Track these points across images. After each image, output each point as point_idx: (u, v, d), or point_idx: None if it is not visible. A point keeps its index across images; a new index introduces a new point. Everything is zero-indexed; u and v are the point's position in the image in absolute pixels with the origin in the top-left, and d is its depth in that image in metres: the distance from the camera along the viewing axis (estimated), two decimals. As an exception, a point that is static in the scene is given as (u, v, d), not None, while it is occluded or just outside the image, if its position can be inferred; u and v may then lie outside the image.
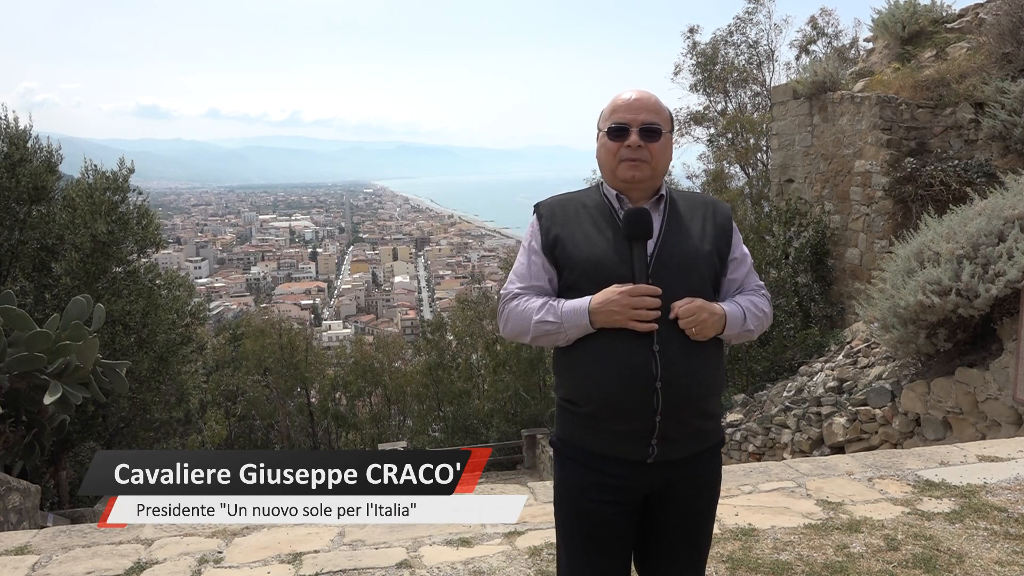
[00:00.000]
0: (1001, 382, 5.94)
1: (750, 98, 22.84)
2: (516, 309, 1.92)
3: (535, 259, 1.95)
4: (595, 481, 1.86)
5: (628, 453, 1.83)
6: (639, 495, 1.88)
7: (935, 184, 9.51)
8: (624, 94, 1.94)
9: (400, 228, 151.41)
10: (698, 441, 1.89)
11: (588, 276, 1.85)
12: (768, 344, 12.32)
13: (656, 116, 1.91)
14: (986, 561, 3.09)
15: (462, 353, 25.64)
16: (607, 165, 1.94)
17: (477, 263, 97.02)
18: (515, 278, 1.97)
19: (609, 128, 1.91)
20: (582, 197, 2.00)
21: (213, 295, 78.47)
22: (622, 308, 1.77)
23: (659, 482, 1.86)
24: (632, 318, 1.77)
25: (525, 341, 1.93)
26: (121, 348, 10.85)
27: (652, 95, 1.95)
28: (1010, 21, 9.69)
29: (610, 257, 1.84)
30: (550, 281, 1.94)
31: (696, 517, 1.94)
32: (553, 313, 1.85)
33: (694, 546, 1.96)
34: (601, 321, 1.80)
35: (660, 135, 1.90)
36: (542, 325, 1.86)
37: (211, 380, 21.15)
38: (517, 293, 1.94)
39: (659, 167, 1.92)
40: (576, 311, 1.82)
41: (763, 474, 4.21)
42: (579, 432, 1.88)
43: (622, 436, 1.82)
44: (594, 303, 1.80)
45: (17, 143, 10.64)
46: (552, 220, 1.95)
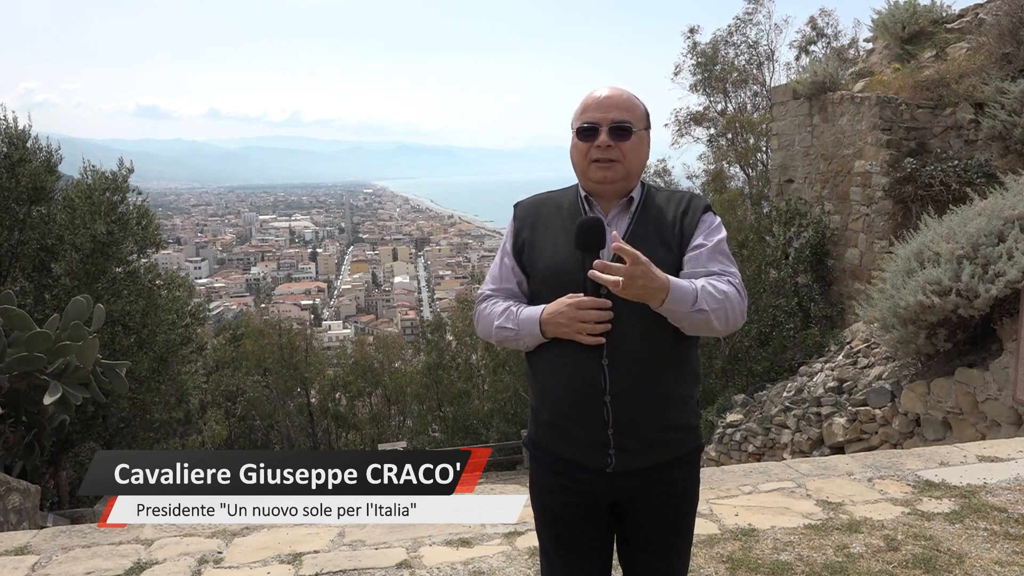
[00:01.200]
0: (1001, 382, 5.94)
1: (750, 98, 22.86)
2: (483, 311, 1.93)
3: (507, 261, 1.94)
4: (561, 484, 1.86)
5: (588, 461, 1.82)
6: (604, 501, 1.86)
7: (935, 184, 9.51)
8: (595, 92, 1.88)
9: (400, 228, 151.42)
10: (662, 451, 1.83)
11: (548, 284, 1.83)
12: (768, 344, 12.33)
13: (627, 114, 1.84)
14: (986, 561, 3.08)
15: (462, 353, 25.66)
16: (578, 166, 1.89)
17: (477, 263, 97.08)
18: (489, 279, 1.98)
19: (579, 128, 1.86)
20: (560, 197, 1.96)
21: (213, 295, 78.49)
22: (568, 320, 1.74)
23: (623, 490, 1.84)
24: (578, 331, 1.73)
25: (493, 343, 1.94)
26: (121, 348, 10.84)
27: (624, 92, 1.88)
28: (1010, 21, 9.69)
29: (571, 265, 1.79)
30: (519, 284, 1.93)
31: (668, 525, 1.89)
32: (511, 320, 1.84)
33: (669, 553, 1.92)
34: (551, 332, 1.78)
35: (631, 133, 1.83)
36: (501, 331, 1.86)
37: (211, 380, 21.15)
38: (487, 295, 1.94)
39: (632, 167, 1.86)
40: (530, 320, 1.81)
41: (763, 474, 4.21)
42: (546, 436, 1.89)
43: (582, 443, 1.81)
44: (545, 314, 1.78)
45: (16, 143, 10.63)
46: (524, 222, 1.93)
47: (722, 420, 10.24)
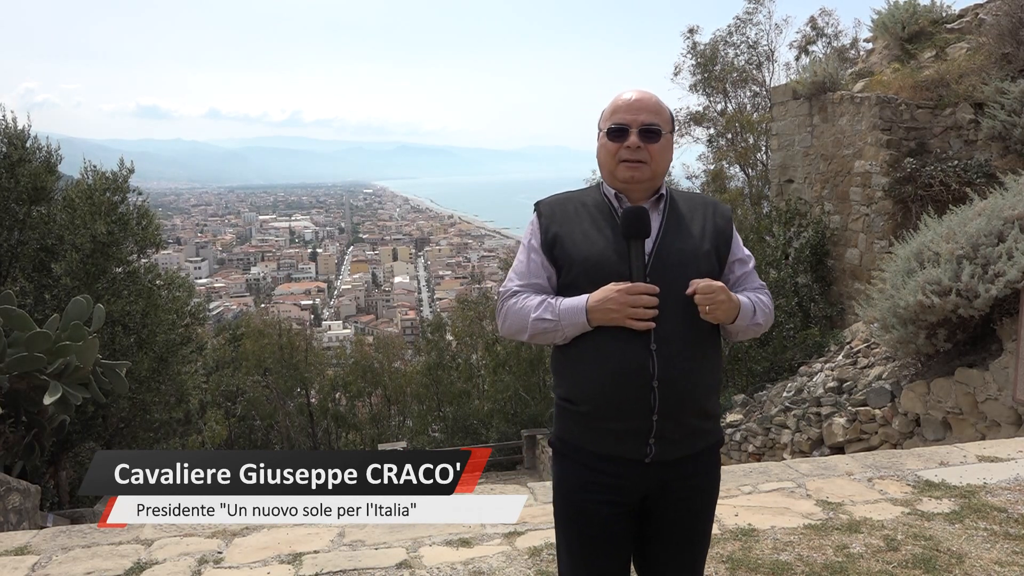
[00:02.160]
0: (1001, 382, 5.94)
1: (750, 98, 22.84)
2: (514, 307, 1.91)
3: (534, 257, 1.95)
4: (593, 480, 1.86)
5: (625, 452, 1.83)
6: (636, 495, 1.87)
7: (935, 184, 9.51)
8: (624, 94, 1.93)
9: (400, 228, 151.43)
10: (696, 441, 1.88)
11: (587, 274, 1.85)
12: (768, 344, 12.32)
13: (656, 117, 1.90)
14: (986, 561, 3.09)
15: (462, 353, 25.64)
16: (606, 166, 1.94)
17: (477, 263, 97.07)
18: (514, 276, 1.97)
19: (609, 129, 1.90)
20: (582, 196, 1.99)
21: (213, 295, 78.48)
22: (619, 306, 1.76)
23: (656, 482, 1.86)
24: (629, 316, 1.76)
25: (523, 339, 1.92)
26: (121, 348, 10.84)
27: (653, 95, 1.94)
28: (1010, 21, 9.69)
29: (608, 255, 1.84)
30: (549, 279, 1.94)
31: (693, 518, 1.93)
32: (551, 311, 1.84)
33: (692, 547, 1.96)
34: (598, 319, 1.79)
35: (660, 136, 1.89)
36: (539, 323, 1.85)
37: (211, 380, 21.14)
38: (516, 291, 1.94)
39: (659, 168, 1.91)
40: (574, 309, 1.81)
41: (763, 474, 4.21)
42: (577, 431, 1.88)
43: (619, 435, 1.82)
44: (591, 301, 1.80)
45: (16, 143, 10.64)
46: (551, 218, 1.94)
47: (722, 420, 10.24)
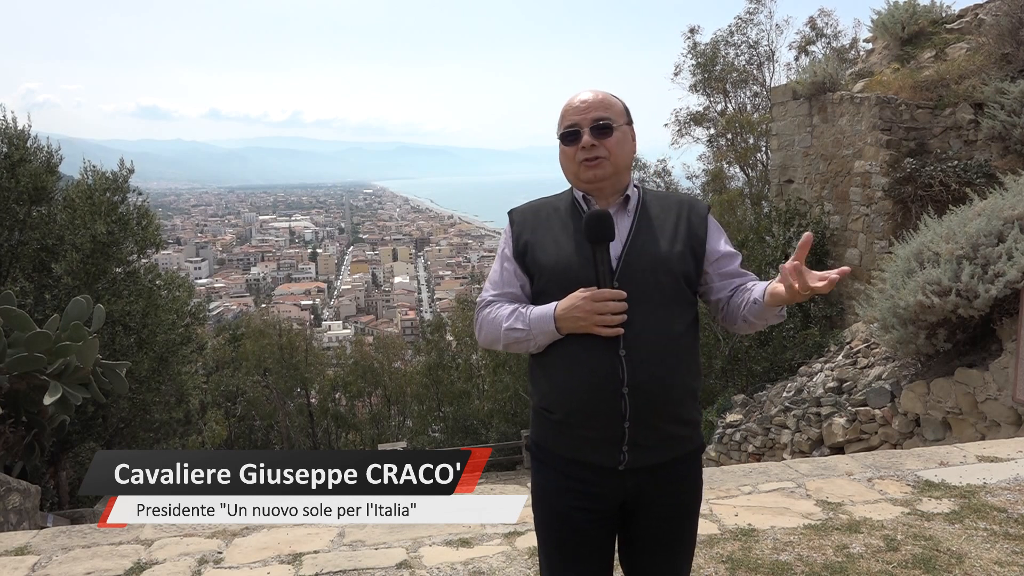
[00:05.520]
0: (1001, 382, 5.95)
1: (750, 98, 22.84)
2: (488, 316, 1.92)
3: (507, 265, 1.95)
4: (568, 487, 1.85)
5: (599, 459, 1.82)
6: (613, 502, 1.86)
7: (935, 185, 9.51)
8: (572, 98, 1.93)
9: (400, 228, 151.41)
10: (672, 447, 1.85)
11: (556, 281, 1.84)
12: (768, 344, 12.32)
13: (606, 111, 1.88)
14: (986, 561, 3.09)
15: (462, 353, 25.63)
16: (569, 170, 1.93)
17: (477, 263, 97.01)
18: (489, 285, 1.97)
19: (563, 134, 1.90)
20: (555, 201, 1.99)
21: (213, 295, 78.44)
22: (586, 314, 1.75)
23: (633, 489, 1.84)
24: (596, 323, 1.75)
25: (499, 348, 1.92)
26: (121, 348, 10.84)
27: (601, 92, 1.92)
28: (1010, 22, 9.70)
29: (577, 261, 1.82)
30: (522, 287, 1.93)
31: (673, 525, 1.90)
32: (522, 320, 1.84)
33: (673, 554, 1.93)
34: (567, 327, 1.78)
35: (612, 129, 1.87)
36: (511, 332, 1.85)
37: (211, 380, 21.15)
38: (490, 300, 1.94)
39: (620, 161, 1.89)
40: (543, 318, 1.81)
41: (763, 474, 4.21)
42: (552, 437, 1.87)
43: (593, 442, 1.81)
44: (559, 309, 1.79)
45: (17, 143, 10.63)
46: (523, 226, 1.94)
47: (722, 420, 10.24)
